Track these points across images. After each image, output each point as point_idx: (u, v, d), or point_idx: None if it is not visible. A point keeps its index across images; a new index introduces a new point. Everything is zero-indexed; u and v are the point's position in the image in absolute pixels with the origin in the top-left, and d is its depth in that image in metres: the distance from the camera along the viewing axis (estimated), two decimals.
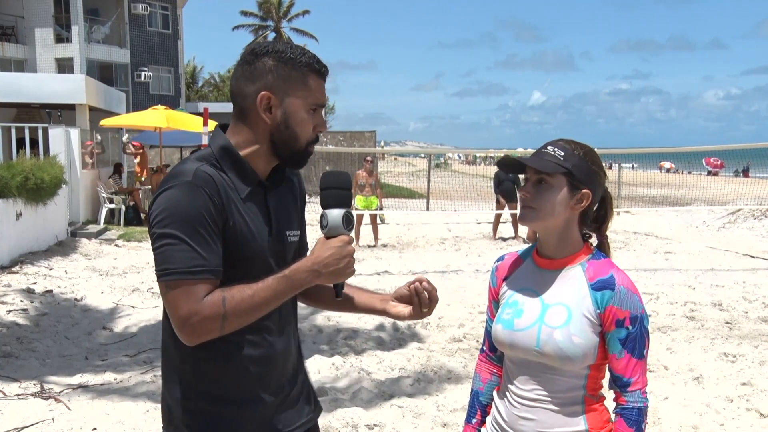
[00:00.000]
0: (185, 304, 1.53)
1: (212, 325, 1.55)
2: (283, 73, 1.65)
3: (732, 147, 18.45)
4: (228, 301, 1.55)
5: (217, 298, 1.55)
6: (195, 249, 1.54)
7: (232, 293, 1.56)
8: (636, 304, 1.73)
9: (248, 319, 1.60)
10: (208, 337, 1.57)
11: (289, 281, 1.60)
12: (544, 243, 1.84)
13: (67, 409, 4.52)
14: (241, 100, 1.67)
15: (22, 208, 9.86)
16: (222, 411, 1.68)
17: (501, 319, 1.85)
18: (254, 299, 1.57)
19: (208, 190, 1.58)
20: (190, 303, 1.53)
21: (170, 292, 1.55)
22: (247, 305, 1.57)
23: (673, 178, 28.24)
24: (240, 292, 1.57)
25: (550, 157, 1.77)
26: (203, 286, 1.55)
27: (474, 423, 2.00)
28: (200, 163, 1.63)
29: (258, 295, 1.57)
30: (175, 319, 1.56)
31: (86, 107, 15.01)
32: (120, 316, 7.06)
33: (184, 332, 1.56)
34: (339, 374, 5.21)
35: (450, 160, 57.14)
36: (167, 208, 1.56)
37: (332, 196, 1.68)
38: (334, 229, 1.65)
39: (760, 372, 5.33)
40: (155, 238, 1.57)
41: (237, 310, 1.56)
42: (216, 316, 1.54)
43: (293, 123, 1.67)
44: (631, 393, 1.74)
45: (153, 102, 23.31)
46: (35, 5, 29.45)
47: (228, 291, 1.56)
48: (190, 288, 1.54)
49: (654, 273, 9.71)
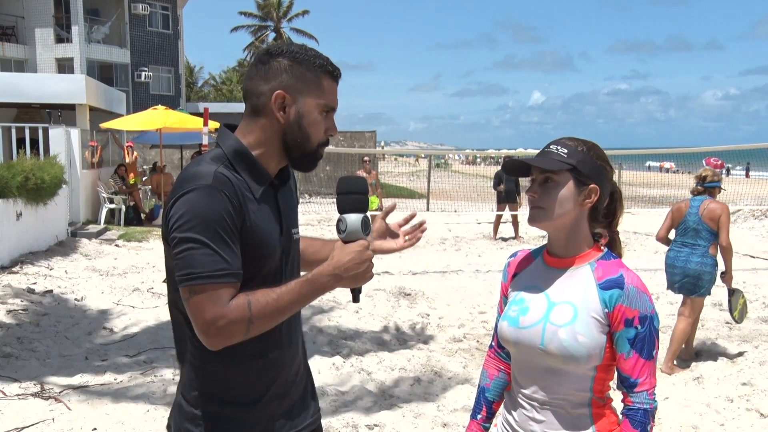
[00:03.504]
0: (211, 309, 1.52)
1: (238, 329, 1.54)
2: (298, 73, 1.65)
3: (732, 147, 18.44)
4: (254, 305, 1.55)
5: (242, 302, 1.54)
6: (218, 253, 1.53)
7: (257, 297, 1.56)
8: (646, 304, 1.72)
9: (273, 322, 1.60)
10: (232, 341, 1.56)
11: (311, 285, 1.61)
12: (554, 241, 1.83)
13: (67, 409, 4.52)
14: (255, 99, 1.67)
15: (23, 208, 9.86)
16: (230, 413, 1.68)
17: (507, 316, 1.85)
18: (279, 303, 1.57)
19: (227, 192, 1.57)
20: (216, 307, 1.52)
21: (194, 297, 1.54)
22: (272, 309, 1.56)
23: (673, 178, 28.23)
24: (265, 296, 1.56)
25: (554, 155, 1.76)
26: (227, 290, 1.54)
27: (479, 419, 1.99)
28: (217, 164, 1.61)
29: (282, 299, 1.57)
30: (199, 323, 1.54)
31: (86, 107, 15.01)
32: (120, 316, 7.05)
33: (209, 336, 1.54)
34: (339, 374, 5.20)
35: (450, 160, 57.16)
36: (188, 211, 1.54)
37: (350, 200, 1.68)
38: (352, 234, 1.65)
39: (760, 372, 5.33)
40: (177, 243, 1.55)
41: (262, 313, 1.55)
42: (242, 320, 1.54)
43: (306, 123, 1.67)
44: (638, 394, 1.73)
45: (153, 102, 23.31)
46: (35, 5, 29.44)
47: (253, 295, 1.56)
48: (214, 292, 1.53)
49: (654, 273, 9.69)
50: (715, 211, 5.36)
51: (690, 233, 5.49)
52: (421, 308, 7.54)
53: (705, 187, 5.51)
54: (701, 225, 5.41)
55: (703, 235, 5.42)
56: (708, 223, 5.38)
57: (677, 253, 5.57)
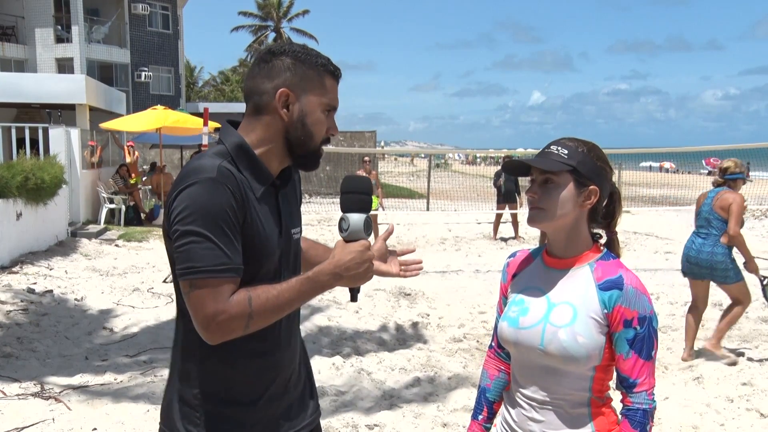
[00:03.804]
0: (211, 303, 1.53)
1: (237, 324, 1.55)
2: (301, 71, 1.66)
3: (732, 147, 18.41)
4: (254, 301, 1.55)
5: (243, 298, 1.55)
6: (220, 247, 1.53)
7: (257, 293, 1.56)
8: (645, 305, 1.72)
9: (272, 319, 1.60)
10: (231, 336, 1.57)
11: (312, 283, 1.61)
12: (553, 242, 1.84)
13: (67, 409, 4.52)
14: (258, 98, 1.67)
15: (23, 208, 9.86)
16: (229, 412, 1.68)
17: (507, 317, 1.85)
18: (279, 299, 1.57)
19: (230, 186, 1.57)
20: (216, 302, 1.53)
21: (195, 291, 1.54)
22: (272, 305, 1.57)
23: (673, 178, 28.25)
24: (265, 292, 1.57)
25: (554, 156, 1.76)
26: (228, 285, 1.54)
27: (480, 420, 2.00)
28: (220, 159, 1.61)
29: (282, 296, 1.58)
30: (199, 317, 1.54)
31: (86, 107, 15.01)
32: (120, 316, 7.05)
33: (208, 331, 1.55)
34: (339, 374, 5.20)
35: (450, 160, 57.16)
36: (191, 204, 1.54)
37: (354, 200, 1.68)
38: (355, 233, 1.65)
39: (760, 372, 5.33)
40: (178, 236, 1.54)
41: (262, 309, 1.56)
42: (242, 316, 1.54)
43: (309, 122, 1.67)
44: (637, 394, 1.73)
45: (153, 102, 23.30)
46: (35, 5, 29.44)
47: (253, 291, 1.56)
48: (215, 287, 1.53)
49: (654, 273, 9.71)
50: (727, 199, 5.39)
51: (703, 223, 5.55)
52: (421, 308, 7.54)
53: (726, 178, 5.52)
54: (712, 214, 5.46)
55: (714, 224, 5.46)
56: (718, 212, 5.41)
57: (692, 243, 5.66)
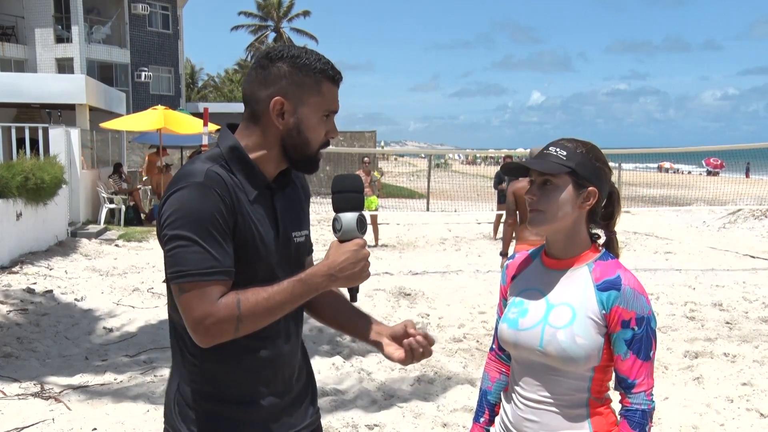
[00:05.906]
0: (199, 306, 1.53)
1: (227, 327, 1.54)
2: (297, 79, 1.64)
3: (732, 147, 18.45)
4: (243, 304, 1.54)
5: (231, 301, 1.54)
6: (208, 250, 1.54)
7: (246, 296, 1.55)
8: (643, 305, 1.72)
9: (263, 321, 1.59)
10: (222, 339, 1.57)
11: (304, 285, 1.60)
12: (552, 243, 1.83)
13: (67, 409, 4.52)
14: (254, 104, 1.66)
15: (22, 208, 9.86)
16: (228, 412, 1.68)
17: (506, 318, 1.85)
18: (269, 302, 1.57)
19: (219, 190, 1.57)
20: (204, 305, 1.53)
21: (184, 294, 1.54)
22: (262, 308, 1.56)
23: (673, 178, 28.25)
24: (255, 294, 1.56)
25: (552, 157, 1.76)
26: (217, 287, 1.54)
27: (482, 422, 2.00)
28: (210, 163, 1.62)
29: (273, 299, 1.57)
30: (189, 320, 1.55)
31: (86, 107, 15.00)
32: (120, 316, 7.05)
33: (198, 334, 1.55)
34: (339, 374, 5.21)
35: (450, 160, 57.13)
36: (179, 209, 1.55)
37: (346, 199, 1.66)
38: (348, 233, 1.64)
39: (760, 372, 5.33)
40: (167, 240, 1.55)
41: (252, 312, 1.55)
42: (231, 319, 1.54)
43: (305, 129, 1.66)
44: (636, 395, 1.73)
45: (153, 102, 23.30)
46: (35, 5, 29.44)
47: (243, 293, 1.55)
48: (203, 290, 1.53)
49: (654, 273, 9.71)
50: None
51: None
52: (421, 308, 7.54)
53: None
54: None
55: None
56: None
57: None
